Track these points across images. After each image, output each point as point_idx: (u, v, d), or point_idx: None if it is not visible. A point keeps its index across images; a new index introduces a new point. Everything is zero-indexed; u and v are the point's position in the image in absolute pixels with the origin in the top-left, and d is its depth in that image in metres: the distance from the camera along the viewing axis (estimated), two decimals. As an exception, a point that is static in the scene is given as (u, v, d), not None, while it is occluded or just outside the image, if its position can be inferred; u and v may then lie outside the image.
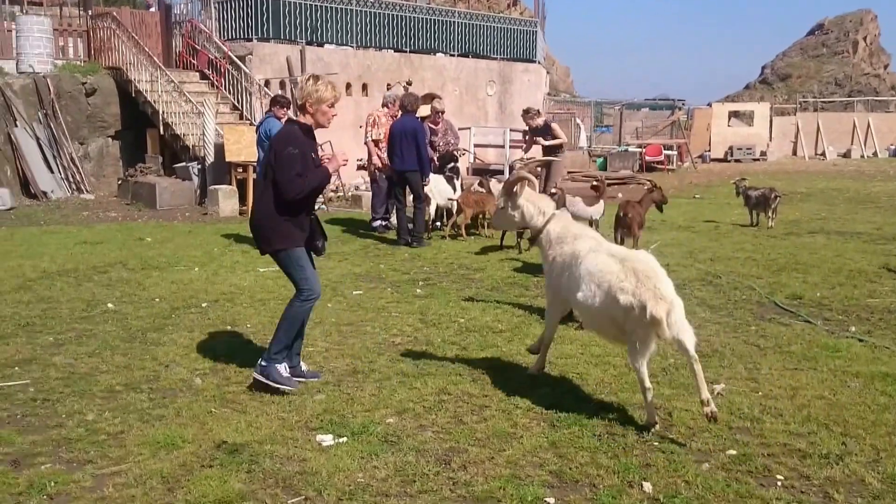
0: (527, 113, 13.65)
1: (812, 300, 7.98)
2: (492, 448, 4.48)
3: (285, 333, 5.35)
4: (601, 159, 26.85)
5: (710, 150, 32.97)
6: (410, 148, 11.22)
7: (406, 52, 21.84)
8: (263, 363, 5.32)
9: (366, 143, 12.76)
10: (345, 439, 4.55)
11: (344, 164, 5.70)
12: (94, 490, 3.97)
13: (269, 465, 4.21)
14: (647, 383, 4.75)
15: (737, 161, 31.69)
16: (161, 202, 15.44)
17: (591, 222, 11.27)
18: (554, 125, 13.53)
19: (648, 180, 10.76)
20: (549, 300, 5.69)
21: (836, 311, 7.57)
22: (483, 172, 17.77)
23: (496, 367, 5.92)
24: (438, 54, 22.81)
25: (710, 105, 38.35)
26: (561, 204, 10.78)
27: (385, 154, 12.22)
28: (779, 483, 4.09)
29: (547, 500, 3.88)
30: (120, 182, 17.15)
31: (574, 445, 4.51)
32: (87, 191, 16.99)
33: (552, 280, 5.50)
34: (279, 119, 11.77)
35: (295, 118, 5.48)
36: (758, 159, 32.40)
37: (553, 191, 10.94)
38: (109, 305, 7.69)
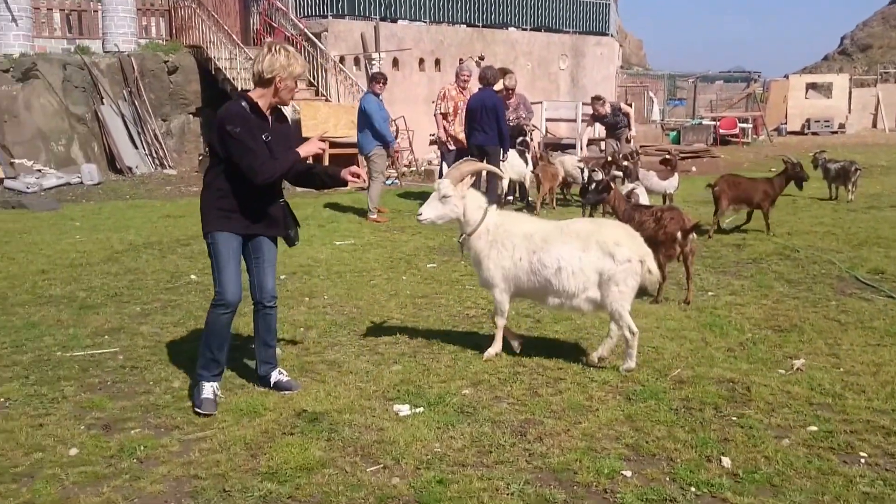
0: (597, 100, 13.70)
1: (895, 275, 7.72)
2: (567, 420, 4.48)
3: (205, 345, 4.73)
4: (674, 133, 26.33)
5: (786, 123, 31.89)
6: (491, 122, 11.13)
7: (478, 26, 21.74)
8: (193, 381, 4.79)
9: (434, 116, 12.78)
10: (421, 409, 4.61)
11: (320, 152, 5.18)
12: (181, 455, 4.11)
13: (348, 434, 4.30)
14: (635, 327, 5.21)
15: (814, 134, 30.59)
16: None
17: (665, 196, 11.12)
18: (623, 105, 13.59)
19: (785, 158, 10.46)
20: (497, 281, 5.43)
21: (922, 286, 7.29)
22: (555, 147, 17.64)
23: (570, 339, 5.91)
24: (511, 28, 22.65)
25: (786, 77, 37.04)
26: (633, 177, 10.65)
27: (453, 128, 12.22)
28: (862, 460, 3.99)
29: (624, 472, 3.87)
30: (200, 157, 17.51)
31: (650, 419, 4.49)
32: (169, 166, 17.44)
33: (498, 266, 5.38)
34: (376, 95, 11.89)
35: (246, 92, 4.68)
36: (836, 132, 31.18)
37: (625, 164, 10.79)
38: (192, 277, 7.91)
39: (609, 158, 11.37)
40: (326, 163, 14.63)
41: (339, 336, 6.08)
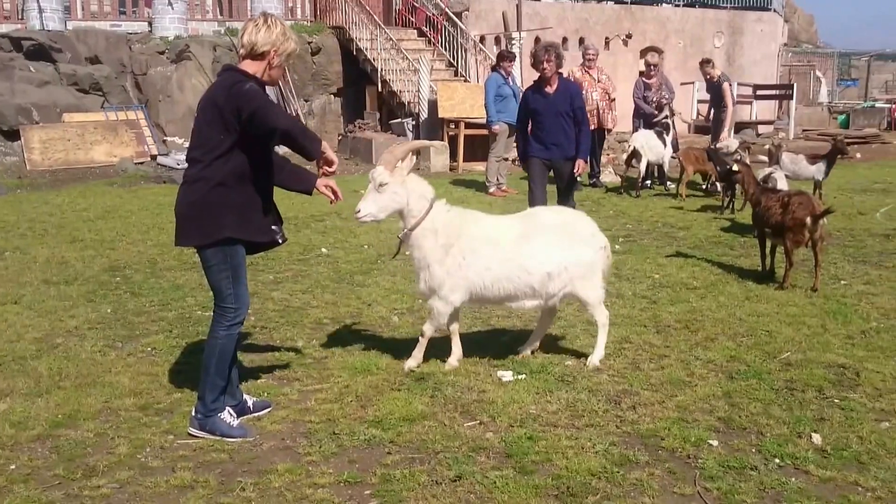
0: (707, 63, 12.84)
1: None
2: (664, 393, 4.59)
3: (218, 373, 4.12)
4: (843, 116, 24.79)
5: None
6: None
7: (626, 3, 21.13)
8: (199, 416, 4.14)
9: None
10: (523, 376, 4.84)
11: (330, 173, 4.23)
12: (300, 402, 4.55)
13: (451, 393, 4.60)
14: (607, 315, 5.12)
15: None
16: (377, 157, 16.06)
17: (815, 184, 10.65)
18: (725, 86, 12.57)
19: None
20: (446, 292, 4.77)
21: None
22: (707, 130, 17.17)
23: (683, 321, 5.95)
24: (662, 4, 21.99)
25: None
26: (774, 161, 10.35)
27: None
28: (964, 448, 3.91)
29: (710, 442, 3.97)
30: (340, 137, 18.11)
31: (748, 396, 4.53)
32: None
33: (455, 276, 4.74)
34: (506, 75, 12.16)
35: (236, 69, 4.01)
36: None
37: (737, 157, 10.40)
38: (323, 250, 8.42)
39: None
40: (462, 142, 15.00)
41: (455, 307, 6.36)
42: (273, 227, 4.20)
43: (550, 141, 7.89)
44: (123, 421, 4.31)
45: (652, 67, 13.06)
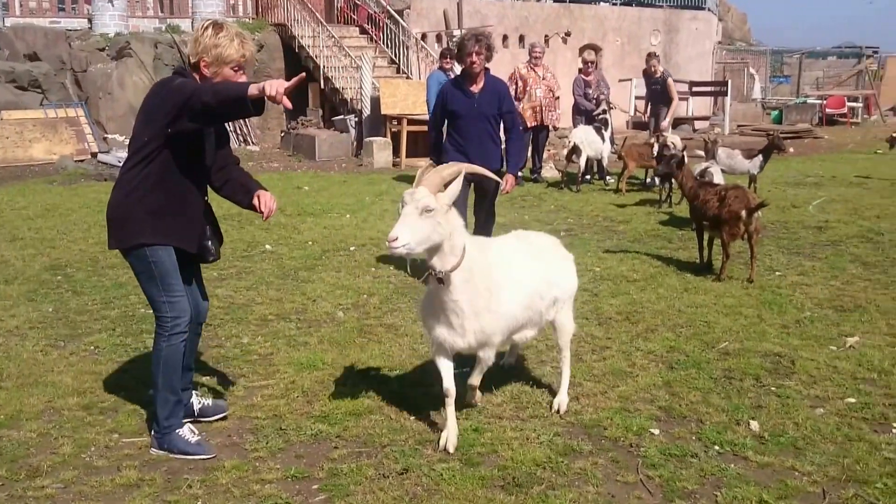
0: (653, 56, 13.17)
1: (981, 261, 7.51)
2: (606, 384, 4.69)
3: (166, 387, 3.86)
4: (776, 112, 25.43)
5: None
6: None
7: (566, 1, 21.48)
8: (156, 434, 3.92)
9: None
10: (468, 369, 4.87)
11: (278, 96, 3.26)
12: (246, 399, 4.54)
13: (397, 387, 4.64)
14: None
15: None
16: (320, 153, 16.15)
17: (750, 178, 10.94)
18: (670, 81, 12.97)
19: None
20: (497, 338, 3.98)
21: None
22: (644, 126, 17.47)
23: (624, 313, 6.06)
24: (600, 3, 22.34)
25: (906, 53, 34.77)
26: (710, 156, 10.60)
27: (521, 107, 12.30)
28: (894, 430, 4.08)
29: (652, 430, 4.07)
30: (283, 134, 18.01)
31: (688, 386, 4.65)
32: (252, 142, 18.05)
33: (504, 317, 3.92)
34: (446, 71, 12.19)
35: (182, 74, 3.80)
36: None
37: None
38: (267, 247, 8.36)
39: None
40: (405, 138, 15.01)
41: (400, 303, 6.39)
42: (206, 242, 3.95)
43: (473, 150, 6.53)
44: (67, 420, 4.26)
45: (590, 65, 13.24)
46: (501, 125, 6.75)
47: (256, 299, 6.49)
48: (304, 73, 3.89)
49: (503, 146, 6.84)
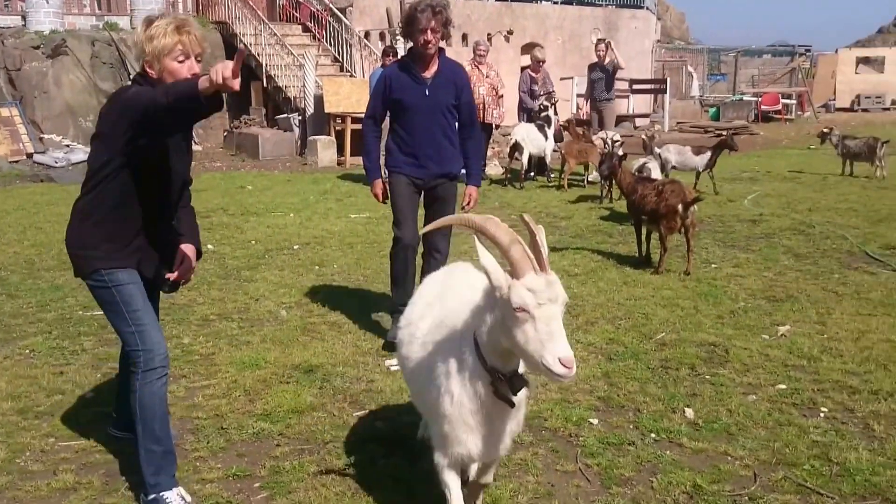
0: (603, 41, 13.40)
1: (906, 251, 7.75)
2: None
3: (147, 437, 3.37)
4: (714, 109, 25.97)
5: (834, 100, 30.68)
6: None
7: (507, 0, 21.71)
8: (150, 497, 3.38)
9: None
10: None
11: (227, 80, 2.86)
12: (187, 399, 4.51)
13: (339, 384, 4.66)
14: None
15: (864, 111, 29.07)
16: (263, 152, 16.06)
17: (698, 174, 11.15)
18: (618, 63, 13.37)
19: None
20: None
21: (930, 261, 7.33)
22: (587, 124, 17.67)
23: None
24: (542, 2, 22.55)
25: (837, 51, 35.75)
26: (648, 151, 10.80)
27: None
28: (822, 414, 4.23)
29: (591, 420, 4.17)
30: (226, 133, 17.86)
31: (626, 376, 4.75)
32: (195, 142, 17.79)
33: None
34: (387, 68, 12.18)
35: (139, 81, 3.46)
36: (888, 108, 29.51)
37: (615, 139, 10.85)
38: (209, 247, 8.26)
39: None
40: (349, 137, 14.97)
41: (343, 301, 6.38)
42: (163, 270, 3.60)
43: (424, 151, 5.31)
44: (1, 425, 4.18)
45: (540, 63, 13.38)
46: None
47: (198, 299, 6.43)
48: (243, 48, 3.80)
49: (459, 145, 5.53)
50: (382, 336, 5.46)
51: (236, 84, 2.89)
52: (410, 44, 5.39)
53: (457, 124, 5.47)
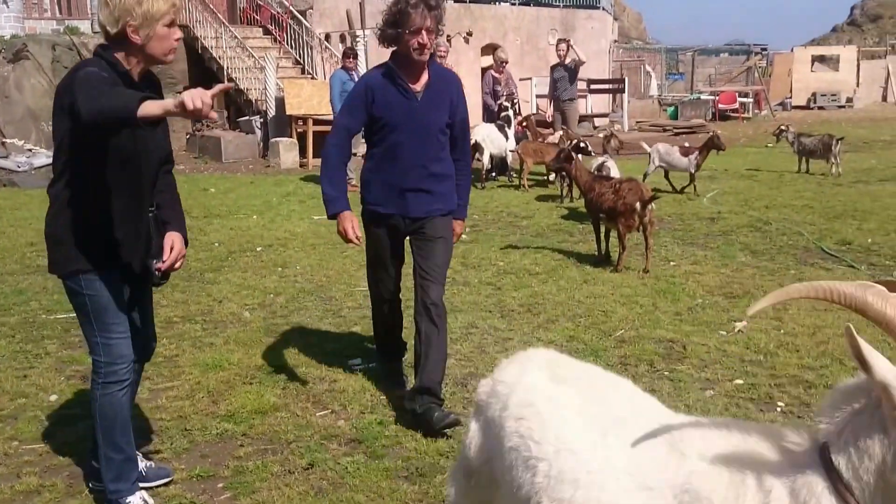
0: (563, 41, 13.47)
1: (861, 246, 7.91)
2: (508, 374, 4.82)
3: (108, 445, 3.29)
4: (672, 108, 26.25)
5: (791, 98, 31.02)
6: None
7: (466, 1, 21.69)
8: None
9: None
10: (374, 364, 4.97)
11: (205, 108, 2.64)
12: (150, 401, 4.50)
13: (302, 384, 4.69)
14: None
15: (820, 108, 29.43)
16: (226, 155, 15.97)
17: (691, 175, 11.28)
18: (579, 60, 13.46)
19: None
20: None
21: (885, 256, 7.49)
22: (545, 125, 17.80)
23: (526, 305, 6.23)
24: (500, 3, 22.68)
25: (792, 50, 36.34)
26: (605, 150, 10.94)
27: None
28: (779, 408, 4.33)
29: (550, 417, 4.22)
30: (188, 136, 17.70)
31: (586, 373, 4.82)
32: (161, 134, 17.72)
33: None
34: (349, 70, 12.19)
35: (101, 55, 3.11)
36: (843, 106, 29.95)
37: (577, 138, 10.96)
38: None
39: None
40: (311, 139, 14.94)
41: (307, 301, 6.41)
42: (149, 261, 3.29)
43: (409, 183, 4.24)
44: (-38, 430, 4.14)
45: (503, 63, 13.48)
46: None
47: (161, 301, 6.38)
48: (231, 85, 3.58)
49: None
50: (345, 336, 5.49)
51: (214, 114, 2.75)
52: (393, 47, 4.28)
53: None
